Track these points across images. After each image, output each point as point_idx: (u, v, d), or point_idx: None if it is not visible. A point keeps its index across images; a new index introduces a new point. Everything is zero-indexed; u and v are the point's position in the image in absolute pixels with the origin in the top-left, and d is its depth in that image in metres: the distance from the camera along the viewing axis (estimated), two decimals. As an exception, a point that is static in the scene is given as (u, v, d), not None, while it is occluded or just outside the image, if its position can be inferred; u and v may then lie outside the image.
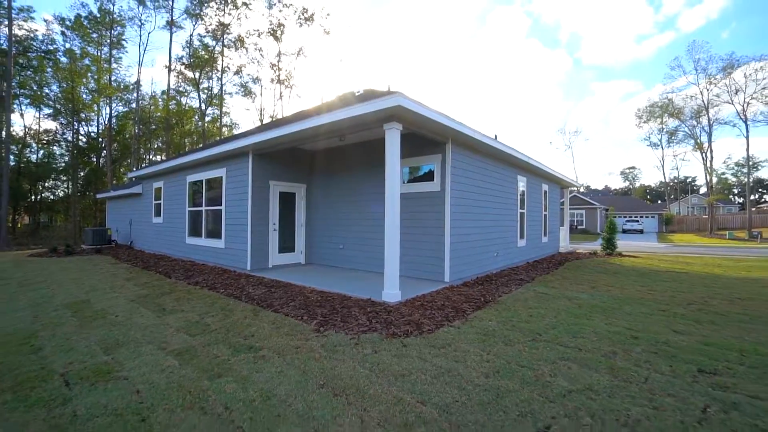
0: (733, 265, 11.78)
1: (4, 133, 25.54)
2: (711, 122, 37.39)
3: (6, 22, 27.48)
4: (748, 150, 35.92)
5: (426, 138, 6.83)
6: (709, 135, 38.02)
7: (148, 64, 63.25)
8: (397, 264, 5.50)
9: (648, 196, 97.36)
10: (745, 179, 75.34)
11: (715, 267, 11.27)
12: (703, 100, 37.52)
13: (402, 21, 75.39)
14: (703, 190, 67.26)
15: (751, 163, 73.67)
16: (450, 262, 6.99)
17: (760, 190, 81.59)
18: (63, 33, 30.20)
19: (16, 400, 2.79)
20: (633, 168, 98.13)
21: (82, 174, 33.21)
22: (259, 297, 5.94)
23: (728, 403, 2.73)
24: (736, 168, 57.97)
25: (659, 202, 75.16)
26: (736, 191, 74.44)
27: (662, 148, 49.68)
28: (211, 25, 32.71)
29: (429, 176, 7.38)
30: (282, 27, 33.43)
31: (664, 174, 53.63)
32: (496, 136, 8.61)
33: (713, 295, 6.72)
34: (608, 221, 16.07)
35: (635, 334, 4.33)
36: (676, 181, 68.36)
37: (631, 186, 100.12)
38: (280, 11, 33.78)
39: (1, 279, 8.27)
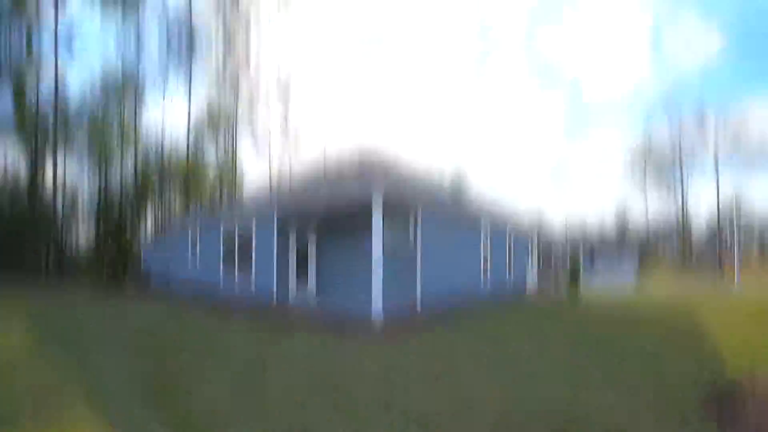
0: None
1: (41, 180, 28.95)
2: (683, 171, 41.39)
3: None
4: (718, 196, 39.63)
5: (402, 205, 9.93)
6: (682, 182, 41.90)
7: (169, 119, 68.61)
8: (380, 291, 8.39)
9: (641, 236, 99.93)
10: (738, 222, 78.29)
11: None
12: (676, 150, 41.72)
13: (397, 61, 77.60)
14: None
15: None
16: (420, 293, 9.85)
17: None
18: (92, 93, 34.76)
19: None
20: (625, 209, 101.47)
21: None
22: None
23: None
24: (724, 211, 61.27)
25: (651, 240, 77.67)
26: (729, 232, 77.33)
27: (645, 192, 53.32)
28: (225, 90, 37.67)
29: (405, 230, 10.37)
30: (288, 87, 38.57)
31: (646, 216, 57.03)
32: (460, 189, 11.71)
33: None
34: (571, 263, 18.97)
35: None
36: (664, 221, 71.52)
37: (624, 226, 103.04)
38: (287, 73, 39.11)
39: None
